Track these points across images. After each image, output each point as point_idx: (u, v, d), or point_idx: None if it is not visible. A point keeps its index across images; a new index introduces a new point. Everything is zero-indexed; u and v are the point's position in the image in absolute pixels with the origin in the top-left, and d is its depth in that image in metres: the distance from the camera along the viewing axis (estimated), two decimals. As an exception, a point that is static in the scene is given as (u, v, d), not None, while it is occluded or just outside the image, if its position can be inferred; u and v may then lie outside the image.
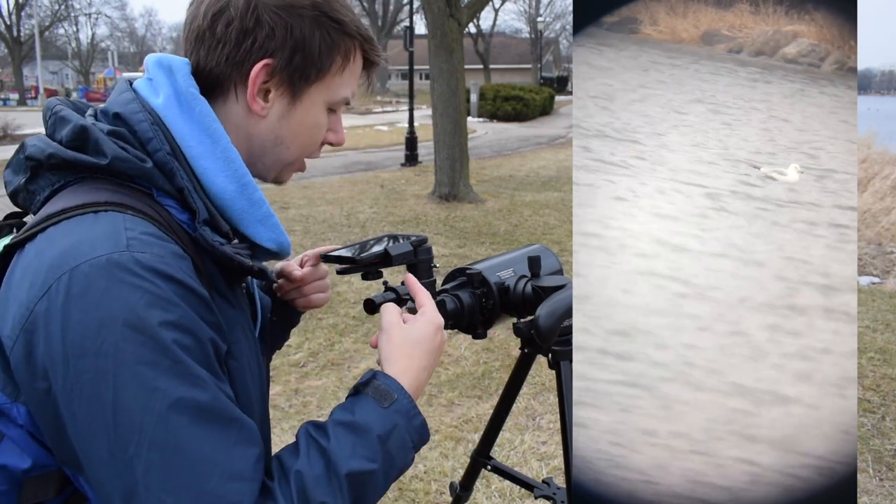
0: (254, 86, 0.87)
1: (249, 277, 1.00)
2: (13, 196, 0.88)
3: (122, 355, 0.70)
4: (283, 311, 1.21)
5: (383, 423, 0.85)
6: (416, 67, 14.23)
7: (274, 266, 1.21)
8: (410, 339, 0.95)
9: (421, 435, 0.89)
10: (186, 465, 0.71)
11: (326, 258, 1.07)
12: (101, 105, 0.89)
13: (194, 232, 0.82)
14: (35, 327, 0.72)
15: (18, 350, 0.74)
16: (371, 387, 0.89)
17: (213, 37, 0.86)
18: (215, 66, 0.87)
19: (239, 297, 0.91)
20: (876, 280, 6.34)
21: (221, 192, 0.85)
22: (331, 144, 0.98)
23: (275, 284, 1.20)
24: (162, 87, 0.86)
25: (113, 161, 0.80)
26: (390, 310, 0.99)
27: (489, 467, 1.70)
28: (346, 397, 0.91)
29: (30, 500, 0.78)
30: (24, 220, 0.91)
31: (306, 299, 1.19)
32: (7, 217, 0.93)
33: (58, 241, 0.76)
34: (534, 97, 27.74)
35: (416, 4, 14.84)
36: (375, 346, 0.97)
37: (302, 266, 1.18)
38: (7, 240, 0.83)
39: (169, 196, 0.83)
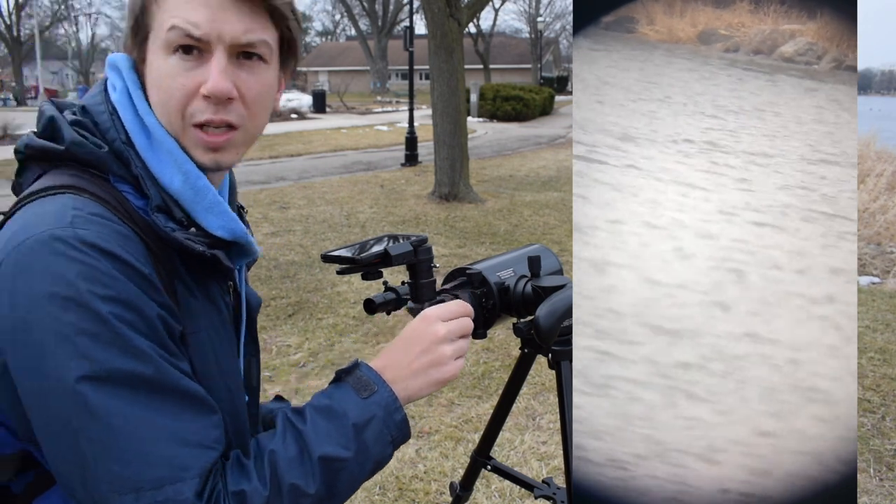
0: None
1: (241, 274, 1.00)
2: (14, 192, 0.92)
3: (62, 328, 0.72)
4: None
5: (360, 413, 0.86)
6: (416, 67, 14.23)
7: None
8: (401, 338, 0.96)
9: (401, 431, 0.90)
10: (128, 433, 0.72)
11: (326, 258, 1.07)
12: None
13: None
14: None
15: None
16: (353, 376, 0.90)
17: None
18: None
19: (213, 293, 0.90)
20: (876, 280, 6.33)
21: (168, 182, 0.86)
22: (208, 98, 0.85)
23: None
24: (117, 82, 0.89)
25: (69, 146, 0.83)
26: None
27: (489, 467, 1.70)
28: (329, 384, 0.91)
29: None
30: None
31: None
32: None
33: (15, 222, 0.79)
34: (534, 97, 27.72)
35: (416, 4, 14.84)
36: None
37: None
38: None
39: (126, 183, 0.85)
